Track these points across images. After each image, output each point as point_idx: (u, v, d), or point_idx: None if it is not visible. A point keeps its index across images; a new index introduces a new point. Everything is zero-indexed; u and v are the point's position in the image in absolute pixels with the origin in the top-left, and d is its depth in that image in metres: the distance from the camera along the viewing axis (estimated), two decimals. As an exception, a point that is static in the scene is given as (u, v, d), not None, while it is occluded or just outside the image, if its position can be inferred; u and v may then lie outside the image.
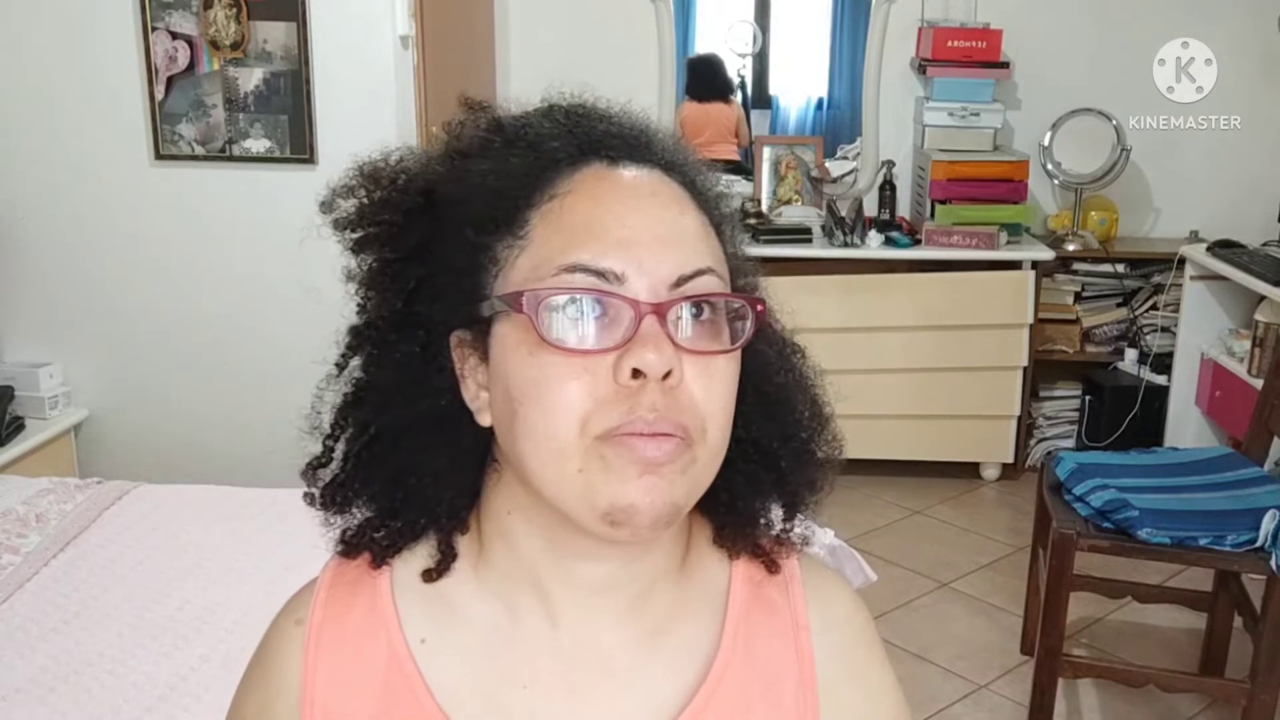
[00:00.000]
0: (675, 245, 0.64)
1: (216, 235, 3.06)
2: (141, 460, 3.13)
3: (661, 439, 0.61)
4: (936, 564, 3.26)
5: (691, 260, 0.64)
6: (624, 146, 0.67)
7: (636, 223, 0.63)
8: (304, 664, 0.71)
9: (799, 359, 0.75)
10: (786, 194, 3.94)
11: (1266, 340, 3.24)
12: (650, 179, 0.66)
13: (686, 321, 0.63)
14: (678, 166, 0.68)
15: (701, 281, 0.64)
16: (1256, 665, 2.20)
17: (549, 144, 0.66)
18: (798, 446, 0.73)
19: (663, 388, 0.61)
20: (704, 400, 0.63)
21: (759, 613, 0.73)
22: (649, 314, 0.61)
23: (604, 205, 0.63)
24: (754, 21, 4.93)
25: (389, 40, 2.93)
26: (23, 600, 1.96)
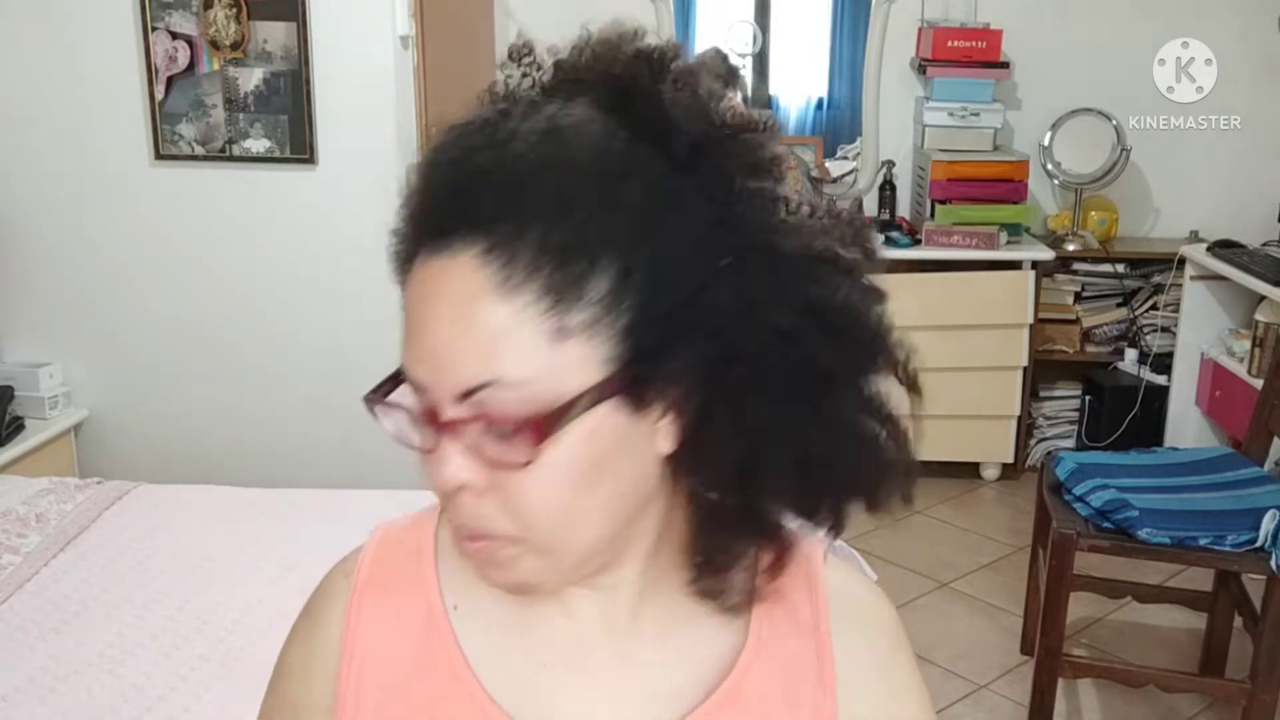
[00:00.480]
0: (459, 357, 0.58)
1: (216, 235, 3.06)
2: (141, 460, 3.13)
3: (475, 541, 0.63)
4: (936, 564, 3.26)
5: (475, 373, 0.58)
6: (443, 221, 0.59)
7: (429, 331, 0.59)
8: (347, 618, 0.73)
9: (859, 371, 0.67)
10: (786, 194, 3.94)
11: (1266, 340, 3.24)
12: (451, 271, 0.58)
13: (481, 433, 0.59)
14: (515, 229, 0.57)
15: (486, 395, 0.58)
16: (1256, 665, 2.20)
17: (406, 223, 0.63)
18: (794, 487, 0.66)
19: (472, 494, 0.61)
20: (514, 507, 0.61)
21: (781, 611, 0.73)
22: (438, 431, 0.60)
23: (414, 308, 0.61)
24: (754, 21, 4.93)
25: (389, 40, 2.93)
26: (23, 600, 1.96)
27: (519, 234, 0.57)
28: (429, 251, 0.59)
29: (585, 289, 0.57)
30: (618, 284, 0.58)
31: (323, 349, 3.01)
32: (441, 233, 0.59)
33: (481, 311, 0.58)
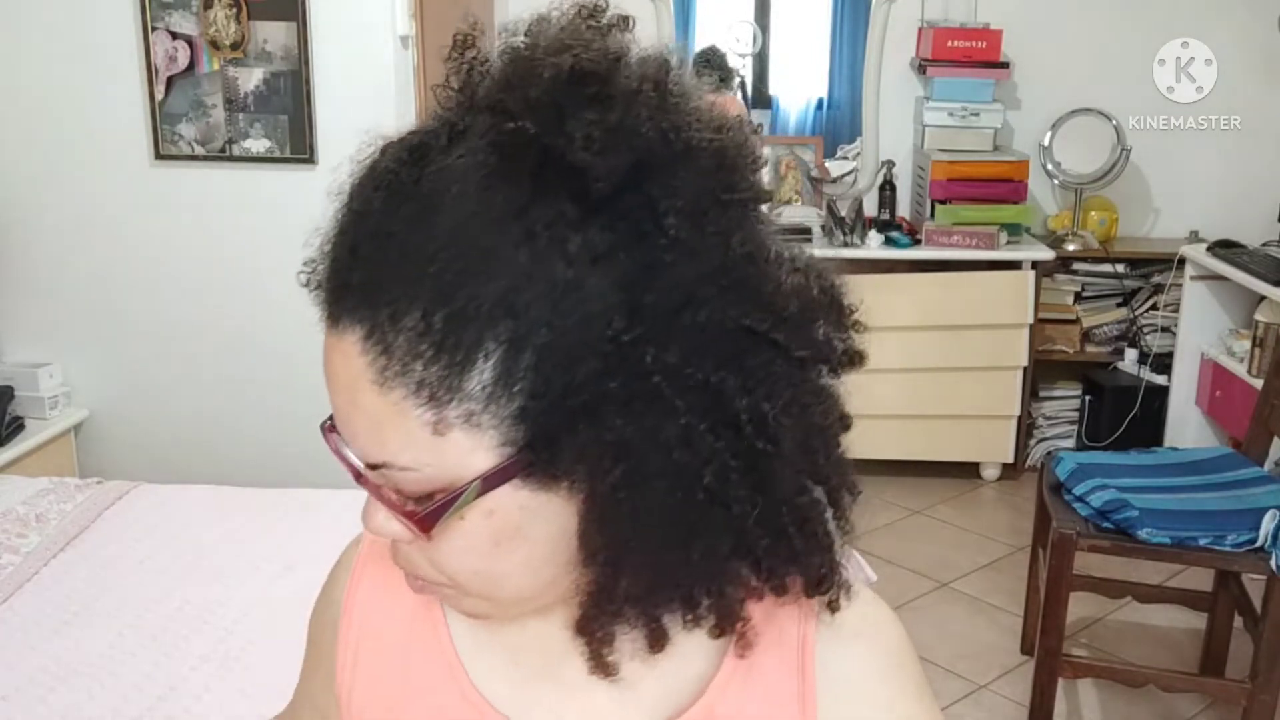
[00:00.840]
0: (354, 434, 0.58)
1: (216, 235, 3.06)
2: (141, 460, 3.13)
3: (418, 582, 0.63)
4: (936, 564, 3.26)
5: (367, 452, 0.57)
6: (331, 299, 0.57)
7: (333, 403, 0.58)
8: (349, 585, 0.75)
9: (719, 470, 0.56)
10: (786, 194, 3.94)
11: (1266, 340, 3.24)
12: (339, 349, 0.56)
13: (390, 499, 0.59)
14: (390, 321, 0.54)
15: (394, 475, 0.57)
16: (1256, 665, 2.20)
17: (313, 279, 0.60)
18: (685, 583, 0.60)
19: (401, 542, 0.61)
20: (440, 564, 0.60)
21: (770, 633, 0.66)
22: (360, 481, 0.59)
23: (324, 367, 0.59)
24: (754, 21, 4.93)
25: (389, 40, 2.93)
26: (23, 600, 1.96)
27: (396, 320, 0.53)
28: (322, 319, 0.57)
29: (465, 380, 0.53)
30: (504, 368, 0.53)
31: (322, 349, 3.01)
32: (330, 305, 0.57)
33: (363, 398, 0.55)
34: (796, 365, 0.57)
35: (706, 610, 0.61)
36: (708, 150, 0.56)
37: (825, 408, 0.61)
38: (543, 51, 0.56)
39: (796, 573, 0.61)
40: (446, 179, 0.54)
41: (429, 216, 0.54)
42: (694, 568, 0.58)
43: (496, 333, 0.52)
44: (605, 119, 0.53)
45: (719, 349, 0.54)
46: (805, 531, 0.60)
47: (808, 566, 0.61)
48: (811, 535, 0.60)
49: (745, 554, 0.59)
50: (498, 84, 0.57)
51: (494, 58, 0.59)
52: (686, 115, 0.56)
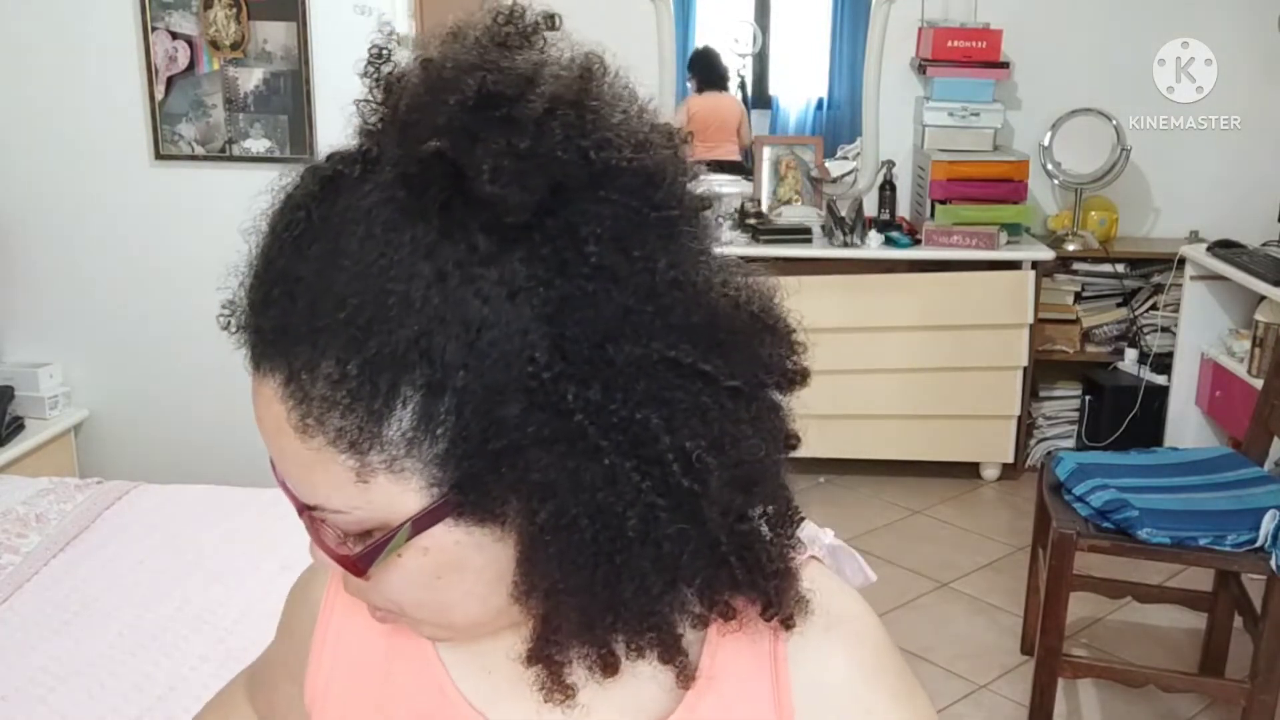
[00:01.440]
0: (285, 476, 0.57)
1: (216, 235, 3.05)
2: (141, 460, 3.13)
3: (374, 610, 0.63)
4: (936, 564, 3.26)
5: (300, 493, 0.57)
6: (254, 340, 0.57)
7: (263, 437, 0.58)
8: (327, 592, 0.74)
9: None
10: (786, 194, 3.94)
11: (1266, 340, 3.24)
12: (263, 396, 0.56)
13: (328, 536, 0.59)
14: (305, 371, 0.53)
15: (328, 516, 0.57)
16: (1256, 665, 2.20)
17: (226, 314, 0.61)
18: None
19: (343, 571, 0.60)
20: (389, 595, 0.60)
21: (741, 641, 0.64)
22: (301, 515, 0.59)
23: None
24: (754, 21, 4.93)
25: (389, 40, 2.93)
26: (23, 600, 1.96)
27: (311, 368, 0.52)
28: (246, 361, 0.57)
29: (385, 427, 0.52)
30: (424, 412, 0.51)
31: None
32: (250, 348, 0.56)
33: (288, 444, 0.55)
34: (728, 395, 0.55)
35: (649, 643, 0.60)
36: (630, 169, 0.53)
37: (763, 435, 0.58)
38: (453, 69, 0.53)
39: (743, 598, 0.60)
40: (353, 217, 0.52)
41: (337, 260, 0.52)
42: (628, 604, 0.56)
43: (413, 378, 0.51)
44: (515, 145, 0.51)
45: (643, 384, 0.53)
46: (748, 560, 0.58)
47: (756, 591, 0.60)
48: (755, 562, 0.59)
49: (682, 587, 0.58)
50: (411, 103, 0.54)
51: (410, 72, 0.56)
52: (607, 132, 0.53)
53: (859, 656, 0.65)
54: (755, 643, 0.64)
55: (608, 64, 0.56)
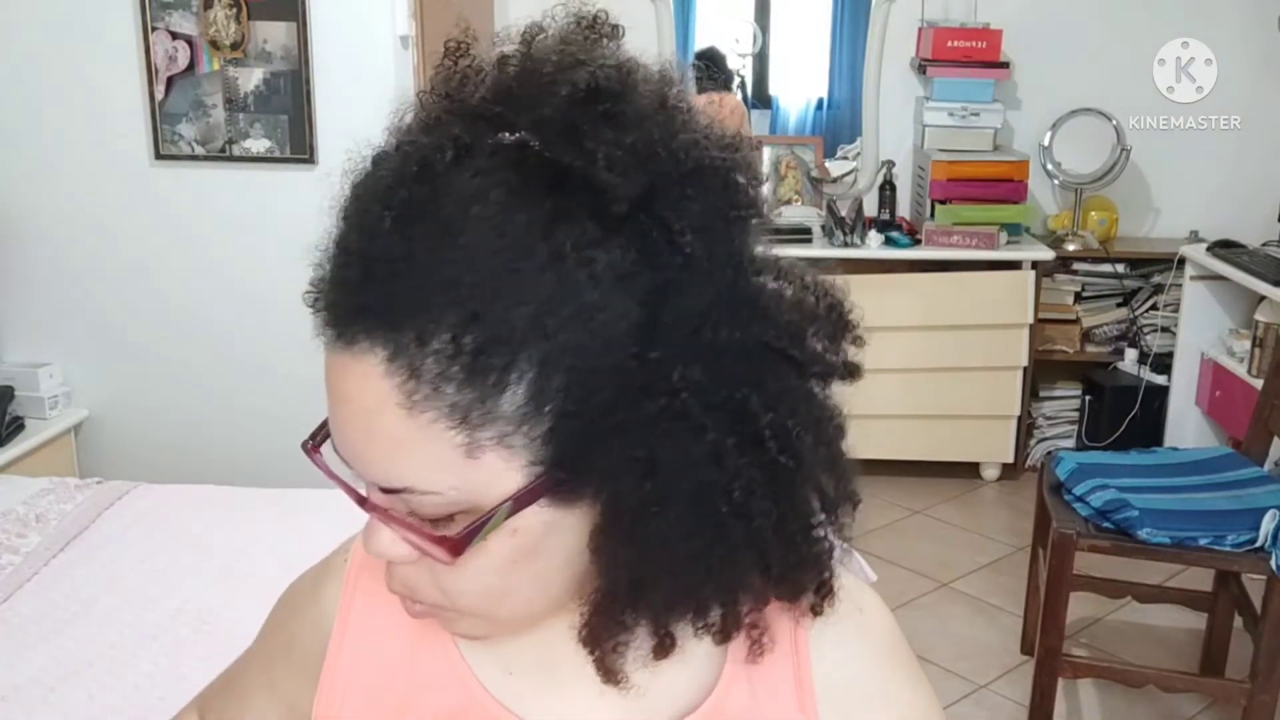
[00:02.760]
0: (369, 460, 0.56)
1: (216, 235, 3.06)
2: (141, 460, 3.13)
3: (408, 601, 0.63)
4: (936, 564, 3.26)
5: (386, 477, 0.56)
6: (342, 316, 0.55)
7: (340, 426, 0.57)
8: (343, 592, 0.73)
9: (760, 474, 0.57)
10: (786, 194, 3.94)
11: (1266, 340, 3.24)
12: (354, 372, 0.54)
13: (404, 524, 0.58)
14: (415, 343, 0.53)
15: (412, 499, 0.56)
16: (1256, 665, 2.20)
17: (315, 293, 0.58)
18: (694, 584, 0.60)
19: (402, 565, 0.60)
20: (444, 586, 0.60)
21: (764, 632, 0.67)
22: (365, 508, 0.58)
23: (328, 391, 0.57)
24: (754, 21, 4.93)
25: (389, 40, 2.93)
26: (23, 600, 1.96)
27: (423, 342, 0.52)
28: (332, 340, 0.55)
29: (498, 402, 0.53)
30: (536, 389, 0.53)
31: (322, 349, 3.01)
32: (343, 326, 0.55)
33: (386, 424, 0.54)
34: (813, 380, 0.59)
35: (716, 618, 0.61)
36: (716, 170, 0.56)
37: (834, 421, 0.62)
38: (553, 66, 0.55)
39: (802, 579, 0.62)
40: (464, 200, 0.53)
41: (451, 238, 0.53)
42: (714, 579, 0.59)
43: (529, 354, 0.52)
44: (622, 139, 0.54)
45: (740, 366, 0.55)
46: (810, 539, 0.61)
47: (814, 572, 0.62)
48: (816, 542, 0.62)
49: (761, 564, 0.60)
50: (495, 94, 0.56)
51: (488, 66, 0.58)
52: (695, 134, 0.57)
53: (876, 645, 0.69)
54: (776, 632, 0.66)
55: (676, 73, 0.59)
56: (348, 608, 0.73)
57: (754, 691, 0.67)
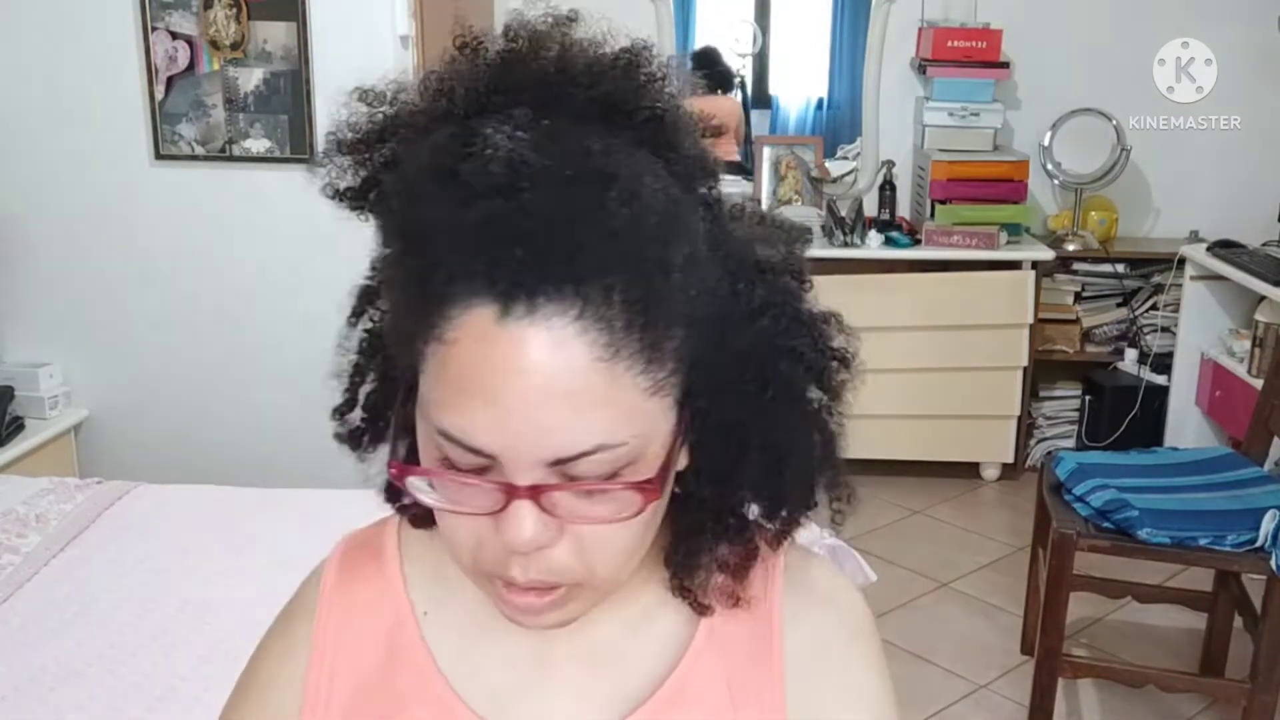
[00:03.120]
0: (554, 427, 0.55)
1: (216, 235, 3.06)
2: (141, 460, 3.13)
3: (534, 592, 0.61)
4: (936, 564, 3.26)
5: (573, 441, 0.56)
6: (527, 277, 0.54)
7: (514, 399, 0.55)
8: (317, 621, 0.73)
9: (823, 384, 0.68)
10: (786, 194, 3.94)
11: (1266, 340, 3.24)
12: (543, 340, 0.54)
13: (568, 496, 0.58)
14: (608, 277, 0.54)
15: (587, 462, 0.56)
16: (1256, 665, 2.20)
17: (440, 266, 0.55)
18: (774, 491, 0.68)
19: (534, 555, 0.59)
20: (588, 557, 0.60)
21: (739, 605, 0.71)
22: (520, 497, 0.57)
23: (480, 377, 0.55)
24: (754, 21, 4.94)
25: (389, 40, 2.93)
26: (23, 600, 1.96)
27: (607, 296, 0.54)
28: (499, 316, 0.54)
29: (667, 344, 0.57)
30: (686, 332, 0.58)
31: (323, 349, 2.99)
32: (520, 296, 0.54)
33: (580, 382, 0.54)
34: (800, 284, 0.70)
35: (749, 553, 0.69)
36: (708, 145, 0.64)
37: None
38: (582, 47, 0.62)
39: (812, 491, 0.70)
40: (616, 158, 0.57)
41: (618, 194, 0.55)
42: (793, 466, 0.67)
43: (686, 298, 0.57)
44: (673, 104, 0.62)
45: (796, 326, 0.65)
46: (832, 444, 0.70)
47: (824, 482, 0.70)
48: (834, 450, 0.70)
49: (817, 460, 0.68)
50: (543, 75, 0.60)
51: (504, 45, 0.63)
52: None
53: (848, 627, 0.73)
54: (752, 601, 0.71)
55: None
56: (324, 634, 0.73)
57: (722, 660, 0.70)
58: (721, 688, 0.70)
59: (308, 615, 0.74)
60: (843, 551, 2.09)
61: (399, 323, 0.61)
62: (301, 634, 0.74)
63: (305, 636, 0.73)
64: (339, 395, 0.72)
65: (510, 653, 0.71)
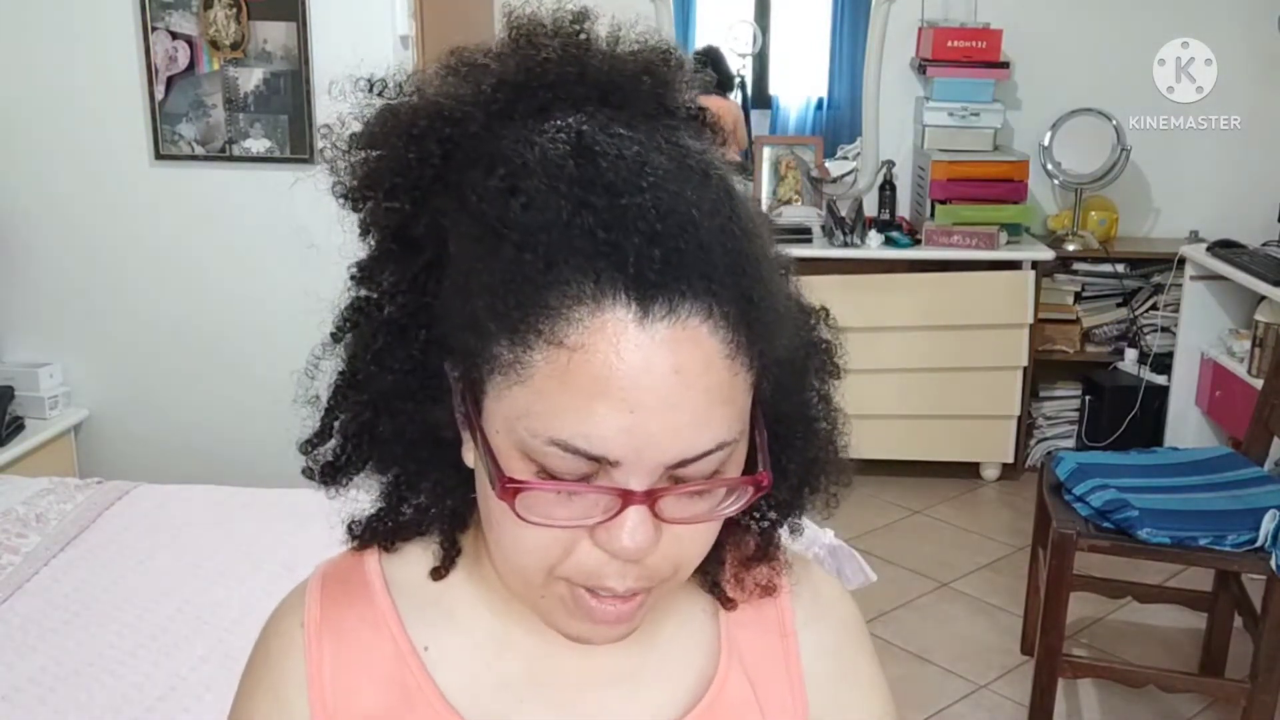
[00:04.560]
0: (685, 428, 0.55)
1: (216, 235, 3.06)
2: (141, 460, 3.13)
3: (621, 601, 0.60)
4: (936, 564, 3.26)
5: (701, 441, 0.55)
6: (664, 275, 0.53)
7: (648, 405, 0.53)
8: (308, 663, 0.69)
9: (825, 381, 0.69)
10: (786, 194, 3.94)
11: (1266, 340, 3.24)
12: (681, 340, 0.53)
13: (677, 497, 0.57)
14: (729, 293, 0.55)
15: (708, 460, 0.56)
16: (1256, 665, 2.20)
17: (568, 262, 0.53)
18: (795, 483, 0.69)
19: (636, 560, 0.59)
20: (680, 553, 0.60)
21: (749, 615, 0.73)
22: (637, 504, 0.56)
23: (620, 375, 0.53)
24: (754, 21, 4.93)
25: (389, 40, 2.93)
26: (23, 600, 1.96)
27: (730, 296, 0.55)
28: (640, 311, 0.53)
29: (763, 339, 0.58)
30: (752, 348, 0.57)
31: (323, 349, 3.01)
32: (659, 297, 0.53)
33: (713, 380, 0.55)
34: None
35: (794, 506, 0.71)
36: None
37: None
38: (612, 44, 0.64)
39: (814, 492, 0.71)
40: (705, 156, 0.59)
41: (717, 193, 0.57)
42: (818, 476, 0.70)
43: (764, 294, 0.58)
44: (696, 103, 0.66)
45: (809, 316, 0.69)
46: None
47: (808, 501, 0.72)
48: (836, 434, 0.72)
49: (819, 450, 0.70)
50: (582, 73, 0.60)
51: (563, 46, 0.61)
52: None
53: (847, 623, 0.76)
54: (763, 617, 0.73)
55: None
56: (318, 672, 0.69)
57: (747, 674, 0.71)
58: (752, 704, 0.70)
59: (294, 654, 0.69)
60: (843, 552, 2.09)
61: (479, 330, 0.56)
62: (292, 675, 0.69)
63: (299, 684, 0.68)
64: (310, 424, 0.67)
65: (518, 682, 0.69)
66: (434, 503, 0.69)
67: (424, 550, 0.71)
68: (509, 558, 0.61)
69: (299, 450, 0.68)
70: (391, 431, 0.65)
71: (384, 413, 0.64)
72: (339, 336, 0.65)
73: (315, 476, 0.68)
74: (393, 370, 0.62)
